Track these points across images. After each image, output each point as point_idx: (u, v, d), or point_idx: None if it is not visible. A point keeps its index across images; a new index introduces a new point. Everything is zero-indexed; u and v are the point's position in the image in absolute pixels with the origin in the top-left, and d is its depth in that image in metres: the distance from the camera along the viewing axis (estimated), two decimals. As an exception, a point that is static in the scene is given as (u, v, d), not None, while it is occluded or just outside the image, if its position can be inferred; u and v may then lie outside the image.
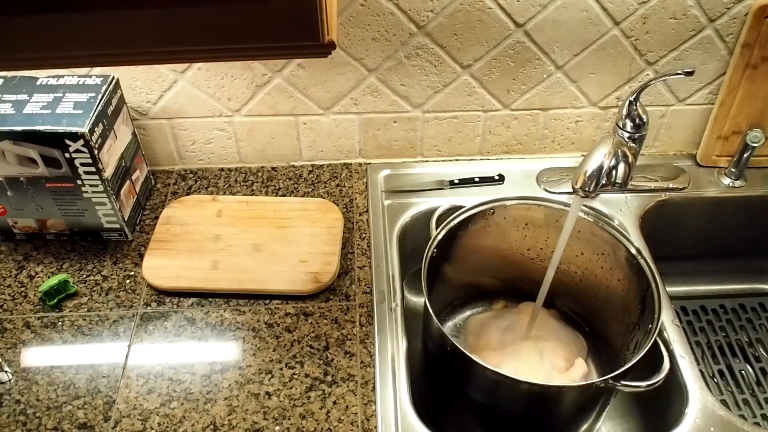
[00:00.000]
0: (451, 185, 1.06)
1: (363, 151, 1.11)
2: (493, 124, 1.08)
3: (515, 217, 0.93)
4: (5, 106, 0.88)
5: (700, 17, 0.96)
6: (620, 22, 0.96)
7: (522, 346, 0.92)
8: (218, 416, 0.79)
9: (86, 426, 0.78)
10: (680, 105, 1.07)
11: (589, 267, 0.94)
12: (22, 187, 0.92)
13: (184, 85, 1.01)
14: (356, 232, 1.00)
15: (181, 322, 0.89)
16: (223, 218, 1.01)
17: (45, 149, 0.87)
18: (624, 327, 0.89)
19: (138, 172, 1.02)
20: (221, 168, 1.12)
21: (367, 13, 0.94)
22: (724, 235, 1.12)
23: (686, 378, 0.83)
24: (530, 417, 0.81)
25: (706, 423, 0.79)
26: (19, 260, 0.97)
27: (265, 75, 1.00)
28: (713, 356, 1.08)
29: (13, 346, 0.86)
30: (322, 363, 0.84)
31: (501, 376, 0.72)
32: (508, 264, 1.00)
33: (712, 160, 1.09)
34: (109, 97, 0.92)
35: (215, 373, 0.83)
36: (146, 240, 0.99)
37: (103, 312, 0.90)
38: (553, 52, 0.99)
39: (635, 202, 1.04)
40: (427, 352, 0.87)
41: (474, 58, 1.00)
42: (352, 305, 0.90)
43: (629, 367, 0.72)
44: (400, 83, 1.02)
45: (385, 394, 0.80)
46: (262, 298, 0.92)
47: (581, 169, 0.78)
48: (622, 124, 0.94)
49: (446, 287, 1.00)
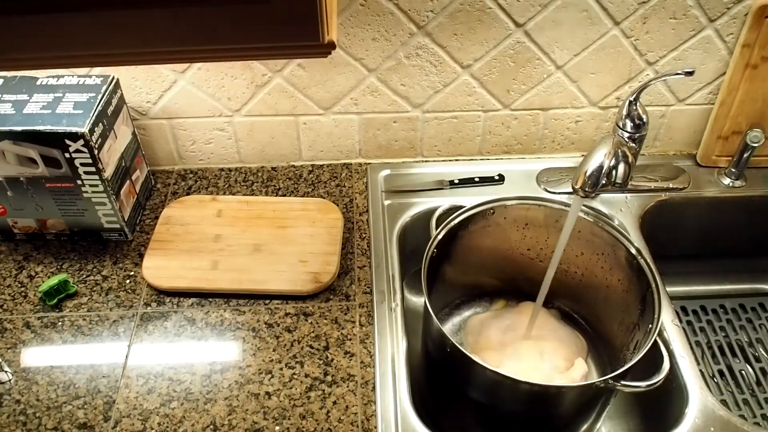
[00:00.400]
0: (451, 185, 1.06)
1: (363, 151, 1.11)
2: (493, 124, 1.08)
3: (515, 217, 0.93)
4: (5, 106, 0.88)
5: (700, 17, 0.96)
6: (620, 22, 0.96)
7: (522, 346, 0.92)
8: (218, 416, 0.79)
9: (86, 426, 0.78)
10: (680, 105, 1.07)
11: (589, 267, 0.94)
12: (22, 187, 0.92)
13: (184, 85, 1.01)
14: (356, 232, 1.00)
15: (181, 322, 0.89)
16: (223, 218, 1.01)
17: (45, 149, 0.87)
18: (624, 327, 0.89)
19: (138, 172, 1.02)
20: (221, 168, 1.12)
21: (367, 13, 0.94)
22: (724, 235, 1.12)
23: (686, 378, 0.83)
24: (530, 417, 0.81)
25: (706, 423, 0.79)
26: (19, 260, 0.97)
27: (265, 75, 1.00)
28: (713, 356, 1.08)
29: (13, 346, 0.86)
30: (322, 363, 0.84)
31: (501, 376, 0.72)
32: (508, 264, 1.00)
33: (712, 160, 1.09)
34: (109, 97, 0.92)
35: (215, 373, 0.83)
36: (146, 240, 0.99)
37: (103, 312, 0.90)
38: (553, 52, 0.99)
39: (635, 202, 1.04)
40: (427, 352, 0.87)
41: (474, 58, 1.00)
42: (352, 305, 0.91)
43: (629, 367, 0.72)
44: (400, 83, 1.02)
45: (385, 394, 0.80)
46: (262, 298, 0.92)
47: (581, 169, 0.78)
48: (622, 124, 0.94)
49: (446, 287, 1.00)
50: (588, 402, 0.80)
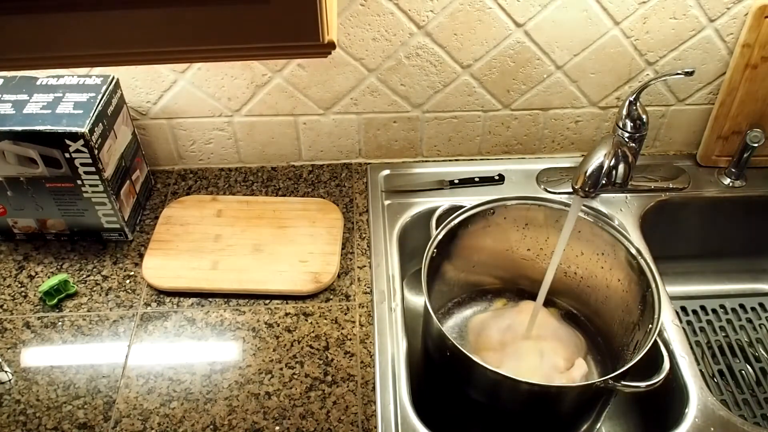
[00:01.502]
0: (451, 185, 1.06)
1: (363, 151, 1.11)
2: (493, 124, 1.08)
3: (515, 217, 0.93)
4: (5, 106, 0.88)
5: (700, 17, 0.96)
6: (620, 22, 0.96)
7: (522, 346, 0.92)
8: (218, 416, 0.79)
9: (86, 426, 0.78)
10: (680, 105, 1.07)
11: (589, 267, 0.94)
12: (22, 187, 0.92)
13: (184, 85, 1.01)
14: (356, 232, 1.00)
15: (181, 322, 0.89)
16: (223, 218, 1.01)
17: (45, 149, 0.87)
18: (624, 327, 0.89)
19: (138, 172, 1.02)
20: (221, 168, 1.12)
21: (367, 13, 0.94)
22: (724, 235, 1.12)
23: (686, 378, 0.83)
24: (530, 417, 0.81)
25: (706, 423, 0.79)
26: (19, 260, 0.97)
27: (265, 75, 1.00)
28: (713, 356, 1.08)
29: (13, 346, 0.86)
30: (322, 363, 0.84)
31: (501, 376, 0.72)
32: (508, 264, 1.00)
33: (712, 160, 1.09)
34: (109, 97, 0.92)
35: (215, 373, 0.83)
36: (146, 240, 0.99)
37: (103, 312, 0.90)
38: (553, 52, 0.99)
39: (635, 202, 1.04)
40: (427, 352, 0.87)
41: (474, 58, 1.00)
42: (352, 305, 0.90)
43: (629, 367, 0.72)
44: (400, 83, 1.02)
45: (385, 394, 0.80)
46: (262, 298, 0.92)
47: (581, 169, 0.78)
48: (622, 124, 0.94)
49: (446, 287, 1.00)
50: (588, 402, 0.80)
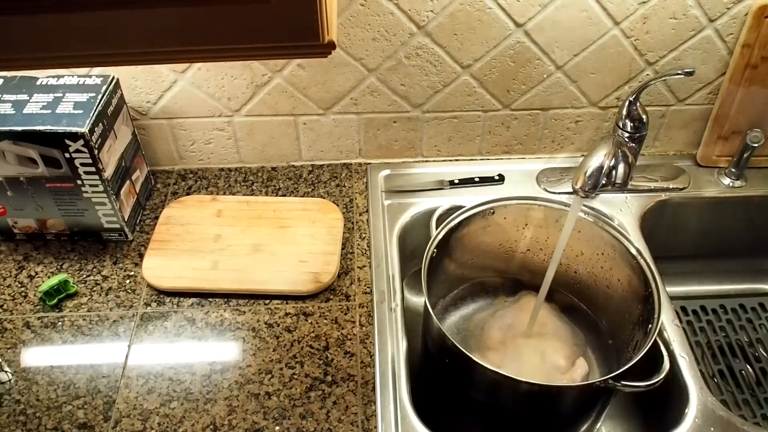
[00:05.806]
0: (451, 185, 1.06)
1: (363, 151, 1.11)
2: (493, 124, 1.08)
3: (515, 217, 0.93)
4: (5, 106, 0.88)
5: (700, 17, 0.96)
6: (620, 22, 0.96)
7: (523, 346, 0.92)
8: (218, 416, 0.79)
9: (86, 426, 0.78)
10: (680, 105, 1.07)
11: (589, 267, 0.94)
12: (22, 187, 0.92)
13: (184, 85, 1.01)
14: (356, 232, 1.00)
15: (181, 322, 0.89)
16: (223, 218, 1.01)
17: (45, 149, 0.87)
18: (624, 327, 0.89)
19: (138, 172, 1.02)
20: (221, 168, 1.12)
21: (367, 13, 0.94)
22: (724, 235, 1.12)
23: (686, 378, 0.83)
24: (530, 417, 0.81)
25: (706, 423, 0.79)
26: (19, 260, 0.97)
27: (265, 75, 1.00)
28: (713, 356, 1.08)
29: (13, 346, 0.86)
30: (322, 363, 0.84)
31: (501, 376, 0.72)
32: (508, 264, 1.00)
33: (712, 160, 1.09)
34: (109, 97, 0.92)
35: (215, 373, 0.83)
36: (146, 240, 0.99)
37: (103, 312, 0.90)
38: (553, 52, 0.99)
39: (635, 202, 1.04)
40: (427, 352, 0.87)
41: (474, 58, 1.00)
42: (352, 305, 0.90)
43: (629, 367, 0.72)
44: (400, 83, 1.02)
45: (385, 394, 0.80)
46: (262, 298, 0.92)
47: (581, 169, 0.78)
48: (622, 124, 0.94)
49: (446, 287, 1.00)
50: (588, 402, 0.80)
